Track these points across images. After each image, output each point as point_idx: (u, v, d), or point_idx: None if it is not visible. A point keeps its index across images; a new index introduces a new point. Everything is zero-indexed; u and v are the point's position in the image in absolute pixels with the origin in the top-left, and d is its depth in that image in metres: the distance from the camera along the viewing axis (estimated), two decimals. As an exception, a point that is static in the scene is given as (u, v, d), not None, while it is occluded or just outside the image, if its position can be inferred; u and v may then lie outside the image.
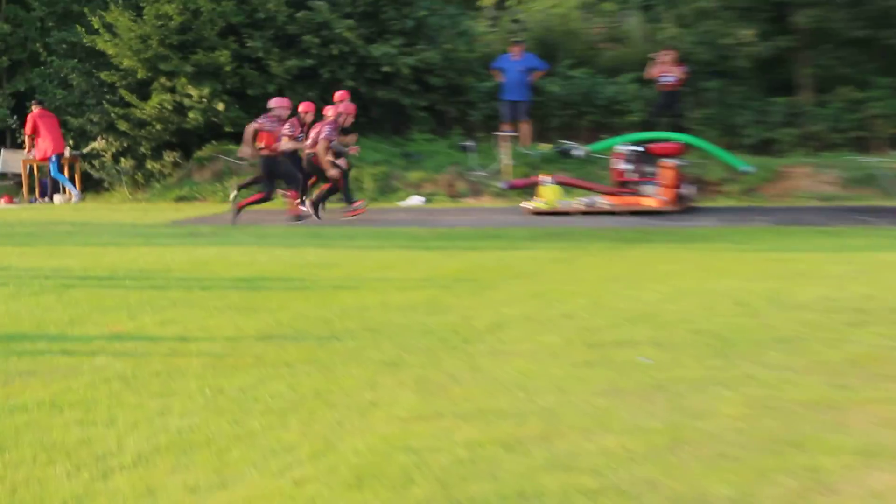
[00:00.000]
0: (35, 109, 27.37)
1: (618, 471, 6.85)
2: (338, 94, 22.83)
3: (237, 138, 27.63)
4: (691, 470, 6.84)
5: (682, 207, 22.11)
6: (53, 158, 27.33)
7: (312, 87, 26.68)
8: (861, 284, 13.11)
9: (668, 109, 25.75)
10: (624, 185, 22.53)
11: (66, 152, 27.81)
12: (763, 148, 26.20)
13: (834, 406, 8.15)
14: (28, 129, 27.54)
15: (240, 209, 21.49)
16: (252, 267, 15.54)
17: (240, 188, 22.42)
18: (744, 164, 23.66)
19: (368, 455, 7.22)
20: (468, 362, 9.69)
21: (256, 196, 21.89)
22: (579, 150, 25.36)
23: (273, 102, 21.95)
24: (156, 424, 7.99)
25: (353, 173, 26.32)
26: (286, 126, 22.11)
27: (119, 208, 25.84)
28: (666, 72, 25.47)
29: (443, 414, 8.12)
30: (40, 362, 9.98)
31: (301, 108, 22.95)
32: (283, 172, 21.60)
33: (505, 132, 25.52)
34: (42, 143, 27.35)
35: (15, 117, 29.86)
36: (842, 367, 9.27)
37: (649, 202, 21.86)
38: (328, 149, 21.58)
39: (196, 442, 7.55)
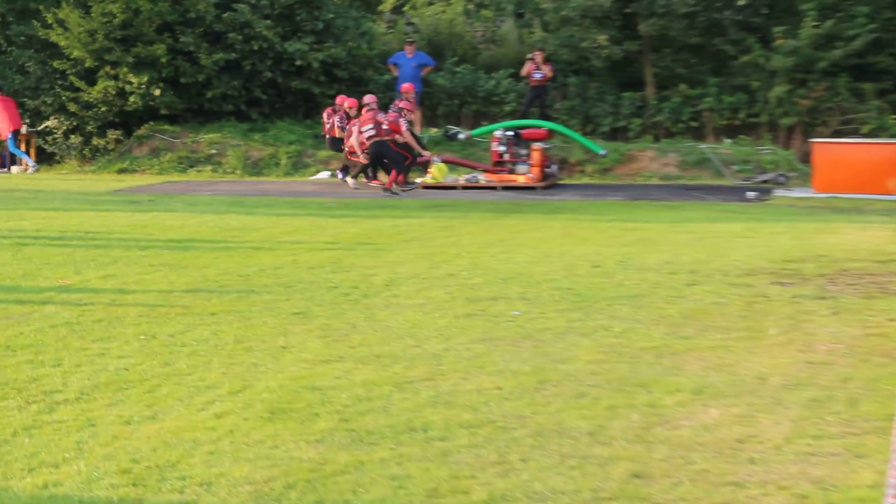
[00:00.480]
0: (-5, 93, 26.96)
1: (492, 407, 6.82)
2: (367, 97, 22.44)
3: (171, 119, 27.35)
4: (554, 406, 6.83)
5: (549, 184, 22.16)
6: (10, 135, 26.83)
7: (236, 77, 26.51)
8: (696, 250, 13.20)
9: (537, 101, 25.83)
10: (500, 165, 22.55)
11: (23, 129, 27.31)
12: (615, 135, 26.36)
13: (672, 352, 8.19)
14: (-11, 110, 27.09)
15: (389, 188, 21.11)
16: (183, 230, 15.33)
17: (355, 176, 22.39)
18: (599, 147, 23.79)
19: (280, 392, 7.13)
20: (366, 314, 9.62)
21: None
22: (463, 133, 25.35)
23: (366, 99, 22.02)
24: (96, 365, 7.85)
25: (269, 151, 26.13)
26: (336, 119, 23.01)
27: (68, 178, 25.41)
28: (536, 69, 25.52)
29: (344, 358, 8.05)
30: (-4, 310, 9.78)
31: (345, 103, 23.09)
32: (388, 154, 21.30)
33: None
34: (1, 123, 26.84)
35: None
36: (679, 319, 9.32)
37: (521, 179, 21.91)
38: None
39: (131, 380, 7.42)
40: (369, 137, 21.32)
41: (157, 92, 26.61)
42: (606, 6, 26.06)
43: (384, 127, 21.15)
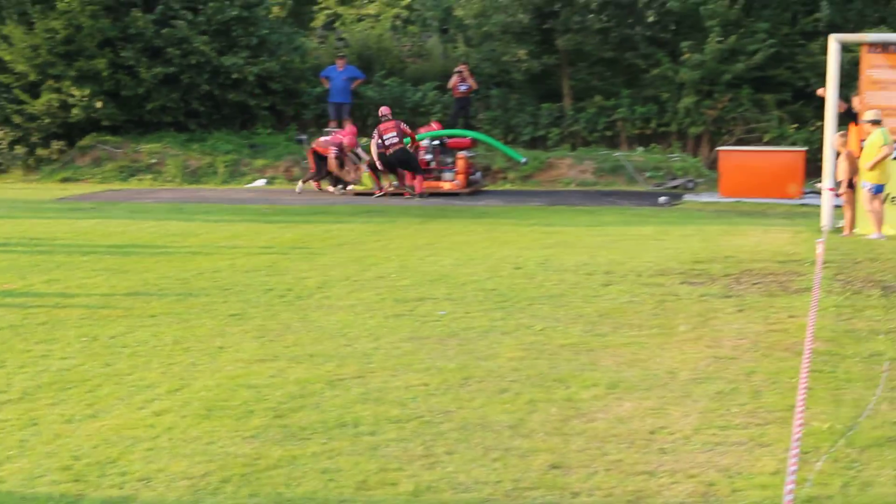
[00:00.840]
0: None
1: (419, 402, 6.80)
2: (383, 109, 22.11)
3: (113, 130, 27.03)
4: (477, 401, 6.83)
5: (473, 190, 22.17)
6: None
7: (174, 89, 26.26)
8: (611, 252, 13.26)
9: (462, 112, 25.84)
10: (427, 172, 22.52)
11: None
12: (535, 143, 26.42)
13: (589, 349, 8.22)
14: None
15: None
16: (124, 236, 15.15)
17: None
18: (520, 156, 23.79)
19: (216, 391, 7.07)
20: (300, 315, 9.56)
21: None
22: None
23: (383, 110, 22.09)
24: (39, 366, 7.73)
25: (207, 160, 25.91)
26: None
27: (14, 187, 25.02)
28: (461, 82, 25.52)
29: (278, 357, 7.99)
30: (-57, 315, 9.60)
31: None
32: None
33: (332, 128, 25.41)
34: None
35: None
36: (595, 318, 9.35)
37: (447, 186, 21.89)
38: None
39: (73, 381, 7.32)
40: (391, 145, 21.27)
41: (99, 104, 26.31)
42: (525, 22, 26.15)
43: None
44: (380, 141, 21.16)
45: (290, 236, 15.16)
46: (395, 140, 21.05)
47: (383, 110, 22.10)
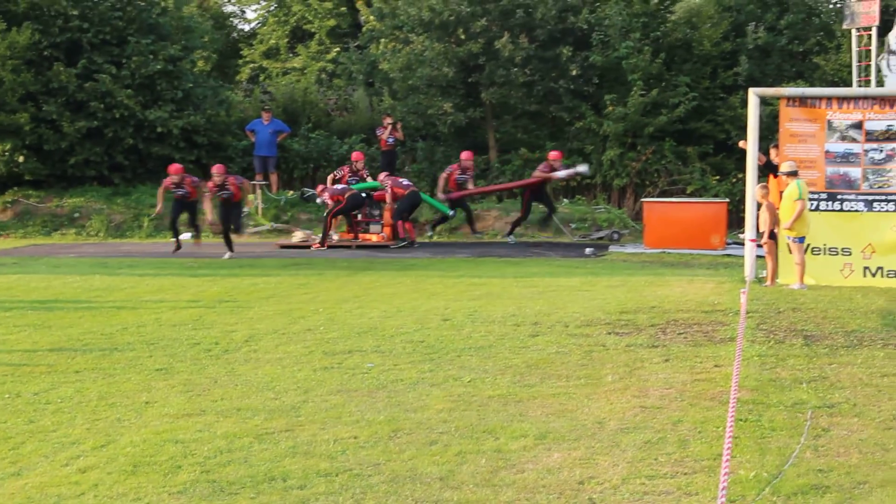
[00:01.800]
0: None
1: (348, 455, 6.79)
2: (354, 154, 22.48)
3: (35, 184, 26.76)
4: (407, 454, 6.82)
5: (405, 241, 22.22)
6: None
7: (98, 143, 26.05)
8: (538, 303, 13.33)
9: (389, 165, 25.90)
10: (356, 225, 22.53)
11: None
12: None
13: (517, 400, 8.25)
14: None
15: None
16: (47, 291, 14.96)
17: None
18: (448, 209, 23.83)
19: (143, 446, 7.00)
20: (227, 368, 9.50)
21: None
22: (318, 196, 25.34)
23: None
24: (-39, 424, 7.61)
25: (132, 214, 25.71)
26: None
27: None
28: (387, 134, 25.60)
29: (206, 411, 7.93)
30: None
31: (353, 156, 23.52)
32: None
33: (258, 181, 25.37)
34: None
35: None
36: (523, 368, 9.40)
37: (374, 238, 21.89)
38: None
39: (-4, 439, 7.21)
40: (407, 186, 22.55)
41: (21, 158, 26.06)
42: (450, 76, 26.36)
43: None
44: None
45: (216, 290, 15.07)
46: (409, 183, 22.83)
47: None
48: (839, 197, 15.55)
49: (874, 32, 19.04)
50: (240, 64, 34.23)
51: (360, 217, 22.67)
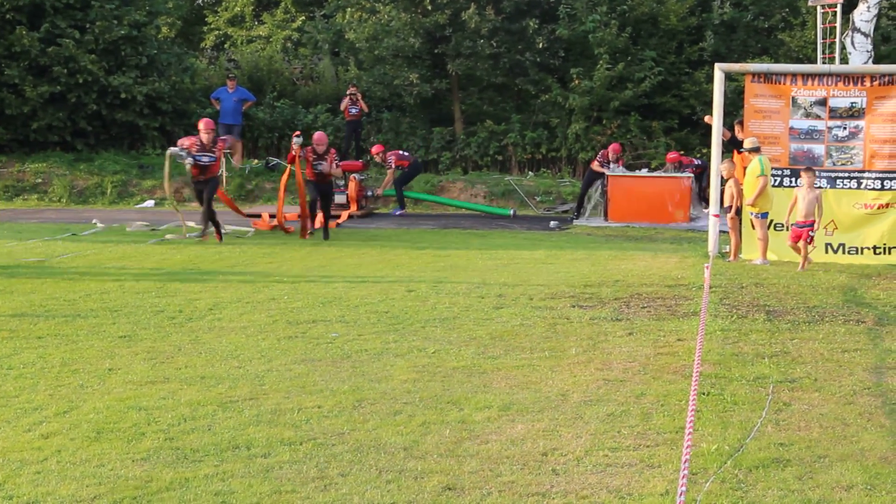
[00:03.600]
0: None
1: (312, 424, 6.78)
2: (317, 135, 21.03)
3: (-3, 149, 26.56)
4: (371, 423, 6.83)
5: (364, 213, 22.18)
6: None
7: (61, 109, 25.82)
8: (503, 275, 13.36)
9: (353, 135, 25.83)
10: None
11: None
12: (427, 167, 26.46)
13: (482, 371, 8.27)
14: None
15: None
16: (8, 257, 14.84)
17: None
18: (506, 210, 23.51)
19: (106, 413, 6.97)
20: (191, 336, 9.47)
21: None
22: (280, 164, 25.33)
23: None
24: (-78, 389, 7.55)
25: (95, 180, 25.52)
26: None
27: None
28: (352, 105, 25.52)
29: (169, 379, 7.90)
30: None
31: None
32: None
33: (224, 150, 25.29)
34: None
35: None
36: (488, 340, 9.41)
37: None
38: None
39: (-43, 404, 7.16)
40: (409, 157, 23.47)
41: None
42: (417, 47, 26.28)
43: None
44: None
45: (179, 258, 14.99)
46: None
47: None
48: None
49: (839, 9, 19.09)
50: (204, 31, 33.98)
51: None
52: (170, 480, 5.68)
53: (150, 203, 24.36)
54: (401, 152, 23.39)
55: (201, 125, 18.05)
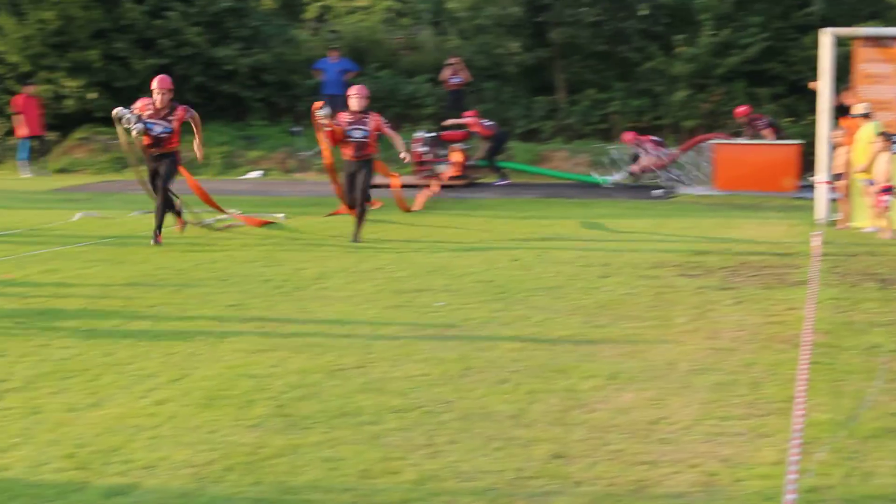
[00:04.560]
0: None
1: (420, 392, 6.81)
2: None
3: (107, 122, 26.93)
4: (478, 391, 6.84)
5: (467, 182, 22.17)
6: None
7: (168, 81, 26.23)
8: (607, 244, 13.29)
9: (456, 105, 25.83)
10: (422, 165, 22.50)
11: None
12: (530, 136, 26.41)
13: (588, 340, 8.24)
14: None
15: None
16: (121, 227, 15.13)
17: None
18: (599, 179, 23.37)
19: (217, 380, 7.07)
20: (298, 305, 9.57)
21: None
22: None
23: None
24: (40, 355, 7.73)
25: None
26: None
27: (9, 178, 24.94)
28: (453, 75, 25.52)
29: (278, 347, 7.99)
30: (-59, 305, 9.61)
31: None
32: None
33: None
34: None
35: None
36: (594, 309, 9.37)
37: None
38: None
39: (74, 370, 7.32)
40: (492, 126, 22.65)
41: (92, 95, 26.27)
42: (518, 15, 26.16)
43: None
44: None
45: (285, 228, 15.14)
46: None
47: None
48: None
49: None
50: (306, 2, 34.16)
51: (427, 157, 22.59)
52: (280, 447, 5.75)
53: (256, 174, 24.60)
54: (483, 121, 23.16)
55: (155, 83, 14.24)
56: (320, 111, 14.00)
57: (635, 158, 22.13)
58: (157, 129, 13.97)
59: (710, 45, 24.50)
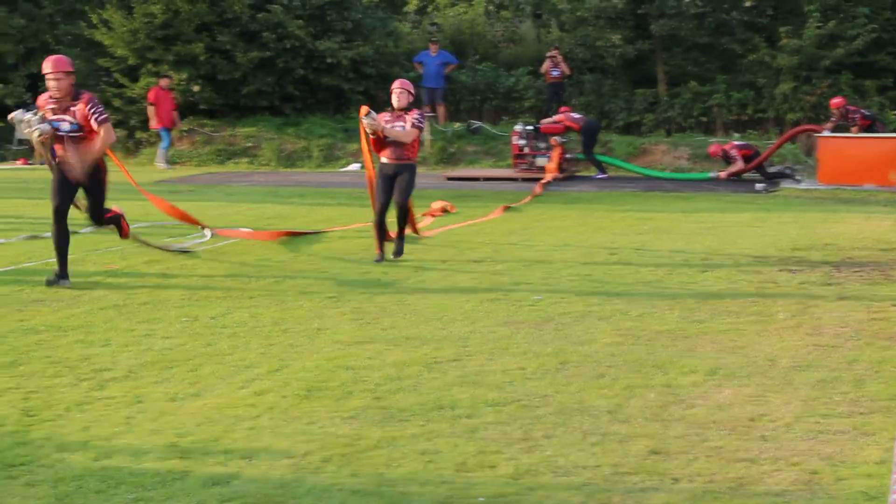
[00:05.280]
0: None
1: (516, 386, 6.80)
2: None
3: (210, 114, 27.41)
4: (575, 386, 6.81)
5: (566, 176, 22.09)
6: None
7: (270, 74, 26.52)
8: (707, 239, 13.14)
9: (555, 98, 25.76)
10: (521, 158, 22.48)
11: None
12: (629, 129, 26.26)
13: (687, 335, 8.15)
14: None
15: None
16: (222, 219, 15.32)
17: None
18: (661, 173, 23.24)
19: (315, 372, 7.13)
20: (396, 298, 9.61)
21: None
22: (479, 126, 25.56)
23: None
24: (143, 345, 7.86)
25: (302, 144, 26.12)
26: None
27: (113, 169, 25.29)
28: (553, 67, 25.45)
29: (375, 339, 8.04)
30: (48, 293, 9.80)
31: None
32: None
33: (425, 113, 25.50)
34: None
35: (29, 94, 29.25)
36: (693, 304, 9.28)
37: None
38: None
39: (175, 360, 7.43)
40: (580, 119, 22.46)
41: (197, 88, 26.67)
42: (619, 7, 26.00)
43: None
44: None
45: (390, 219, 15.18)
46: None
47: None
48: None
49: None
50: (408, -5, 34.36)
51: (526, 150, 22.54)
52: (377, 439, 5.78)
53: (355, 166, 24.77)
54: (571, 114, 22.93)
55: (47, 66, 10.09)
56: (365, 118, 11.66)
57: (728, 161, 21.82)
58: (65, 126, 10.22)
59: (816, 36, 24.14)
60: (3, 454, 5.50)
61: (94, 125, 10.13)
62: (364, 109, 11.77)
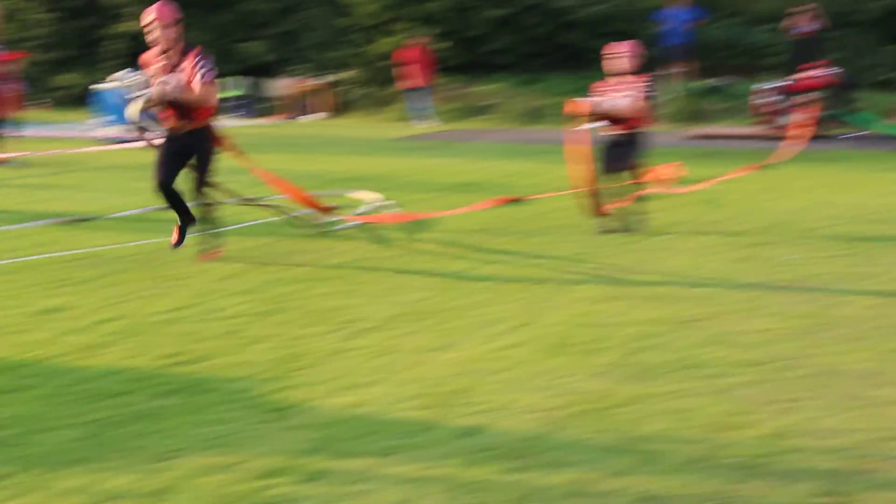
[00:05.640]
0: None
1: (768, 347, 6.65)
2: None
3: (451, 71, 27.65)
4: (830, 348, 6.61)
5: (818, 134, 21.36)
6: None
7: (511, 31, 26.58)
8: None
9: (809, 54, 24.89)
10: (769, 116, 21.84)
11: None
12: (883, 87, 25.20)
13: (951, 300, 7.83)
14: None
15: None
16: (460, 175, 15.47)
17: None
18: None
19: (564, 327, 7.14)
20: (641, 256, 9.54)
21: None
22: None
23: None
24: (394, 297, 8.04)
25: (542, 101, 26.11)
26: None
27: (357, 125, 25.94)
28: (810, 21, 24.61)
29: (623, 297, 7.99)
30: (299, 244, 10.12)
31: None
32: None
33: (673, 70, 25.14)
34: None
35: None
36: (958, 267, 8.89)
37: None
38: None
39: (425, 312, 7.57)
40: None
41: (443, 46, 26.99)
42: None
43: None
44: None
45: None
46: None
47: None
48: None
49: None
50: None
51: (775, 108, 21.91)
52: (627, 396, 5.75)
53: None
54: (829, 70, 21.99)
55: (149, 16, 9.16)
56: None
57: None
58: (169, 86, 9.13)
59: None
60: (266, 398, 5.73)
61: (195, 81, 9.09)
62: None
